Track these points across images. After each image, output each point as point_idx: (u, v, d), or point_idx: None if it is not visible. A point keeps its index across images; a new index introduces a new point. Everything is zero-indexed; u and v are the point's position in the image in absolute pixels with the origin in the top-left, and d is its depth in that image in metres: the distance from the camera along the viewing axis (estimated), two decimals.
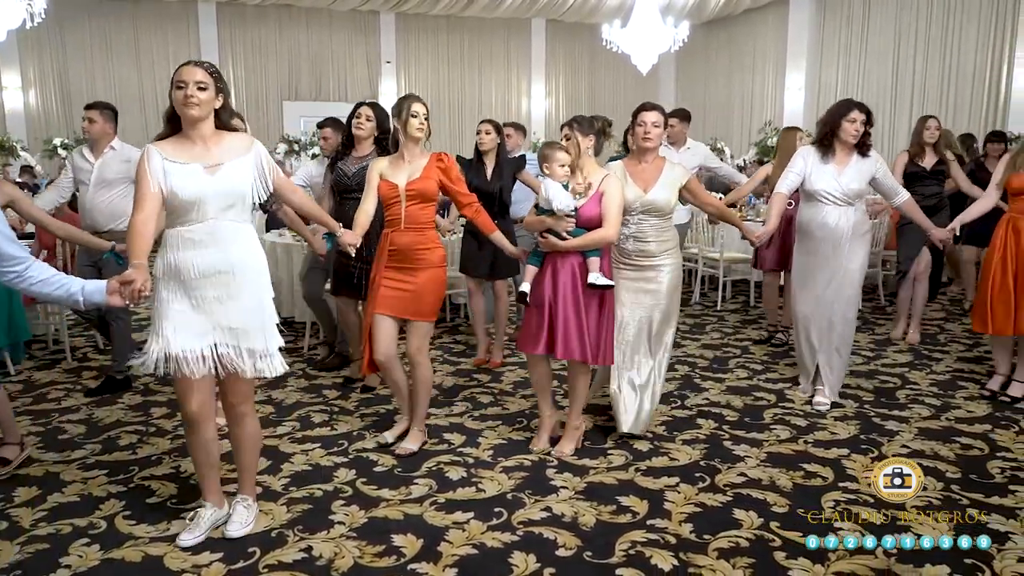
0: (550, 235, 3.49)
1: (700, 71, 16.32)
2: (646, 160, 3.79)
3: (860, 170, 4.13)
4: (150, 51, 14.37)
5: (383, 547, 2.82)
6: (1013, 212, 4.33)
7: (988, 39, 10.67)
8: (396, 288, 3.58)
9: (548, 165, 3.51)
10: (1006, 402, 4.34)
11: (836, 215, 4.13)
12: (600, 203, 3.50)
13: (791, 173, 4.21)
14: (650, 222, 3.76)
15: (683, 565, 2.71)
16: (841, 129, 4.09)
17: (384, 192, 3.58)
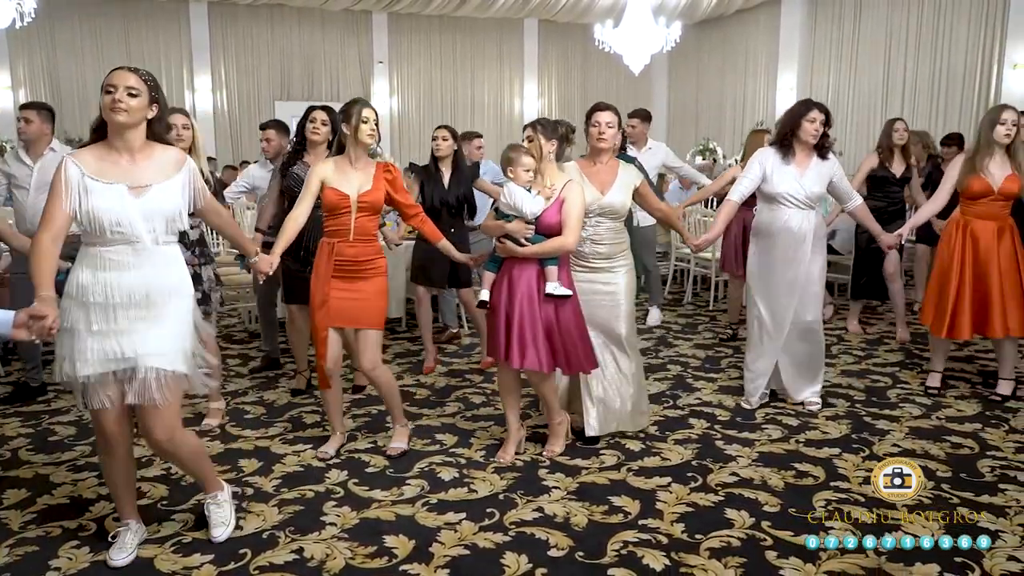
0: (508, 241, 3.42)
1: (692, 72, 16.35)
2: (601, 161, 3.74)
3: (820, 172, 4.08)
4: (141, 51, 14.28)
5: (375, 548, 2.81)
6: (968, 215, 4.28)
7: (978, 40, 10.72)
8: (344, 299, 3.47)
9: (512, 168, 3.42)
10: (995, 401, 4.36)
11: (799, 218, 4.06)
12: (560, 210, 3.41)
13: (745, 180, 4.12)
14: (606, 225, 3.70)
15: (675, 565, 2.71)
16: (801, 129, 4.03)
17: (332, 201, 3.42)
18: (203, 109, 14.69)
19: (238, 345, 5.74)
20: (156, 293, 2.54)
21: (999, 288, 4.20)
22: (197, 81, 14.60)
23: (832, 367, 5.08)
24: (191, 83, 14.61)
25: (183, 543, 2.86)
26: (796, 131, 4.05)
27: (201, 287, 3.87)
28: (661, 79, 17.02)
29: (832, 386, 4.69)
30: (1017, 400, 4.37)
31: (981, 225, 4.24)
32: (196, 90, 14.61)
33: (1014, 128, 4.14)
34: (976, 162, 4.21)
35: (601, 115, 3.70)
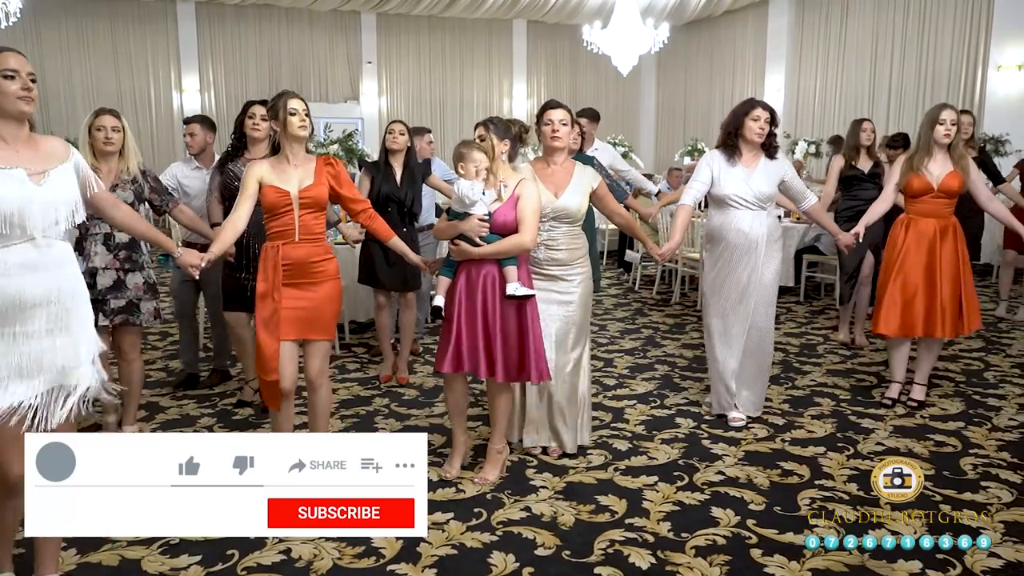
0: (462, 242, 3.26)
1: (680, 73, 16.42)
2: (555, 162, 3.61)
3: (769, 173, 3.97)
4: (128, 51, 14.23)
5: (362, 548, 2.82)
6: (912, 214, 4.29)
7: (963, 41, 10.82)
8: (296, 308, 3.22)
9: (463, 165, 3.27)
10: (913, 407, 4.30)
11: (750, 220, 3.94)
12: (515, 208, 3.27)
13: (695, 183, 4.02)
14: (562, 229, 3.55)
15: (661, 563, 2.73)
16: (745, 128, 3.93)
17: (272, 200, 3.20)
18: (191, 109, 14.62)
19: None
20: (66, 297, 2.33)
21: (946, 289, 4.17)
22: (185, 81, 14.56)
23: (818, 367, 5.12)
24: (179, 84, 14.56)
25: (170, 544, 2.86)
26: (740, 130, 3.96)
27: (126, 294, 3.75)
28: (649, 80, 17.09)
29: (818, 385, 4.73)
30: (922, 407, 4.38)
31: (924, 223, 4.22)
32: (184, 91, 14.57)
33: (954, 128, 4.15)
34: (915, 161, 4.22)
35: (554, 113, 3.56)
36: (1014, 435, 3.91)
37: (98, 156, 3.76)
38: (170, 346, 5.70)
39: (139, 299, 3.79)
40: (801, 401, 4.45)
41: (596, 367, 5.13)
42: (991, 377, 4.86)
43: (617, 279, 8.58)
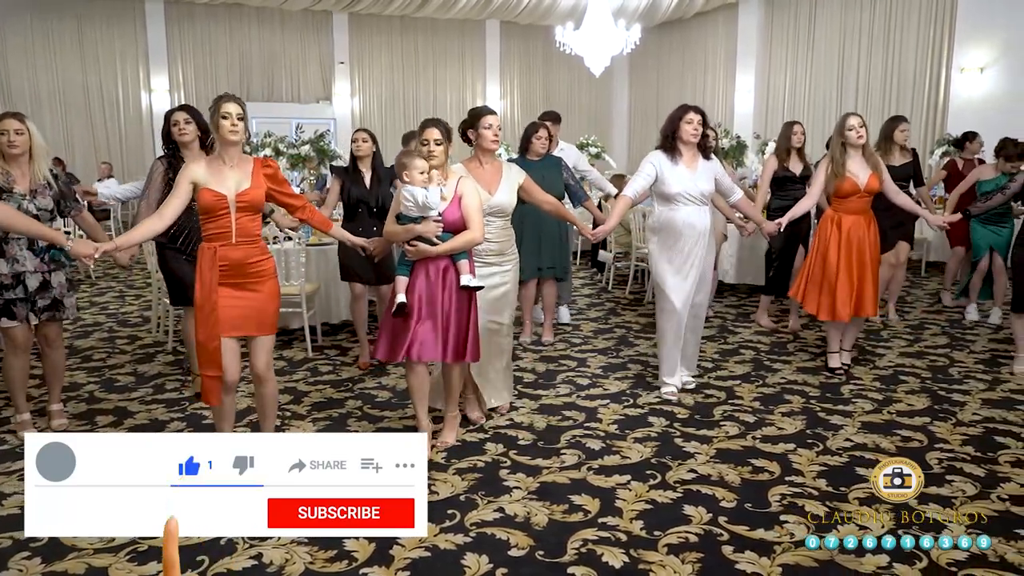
0: (419, 242, 3.50)
1: (652, 73, 16.53)
2: (487, 162, 3.97)
3: (707, 171, 4.39)
4: (95, 51, 14.03)
5: (334, 552, 2.80)
6: (839, 211, 4.75)
7: (928, 44, 11.01)
8: (236, 306, 3.27)
9: (408, 172, 3.49)
10: (841, 373, 4.89)
11: (697, 214, 4.35)
12: (460, 206, 3.56)
13: (640, 178, 4.37)
14: (496, 223, 3.93)
15: (634, 561, 2.75)
16: (680, 131, 4.31)
17: (209, 203, 3.21)
18: (160, 110, 14.41)
19: None
20: None
21: (864, 275, 4.72)
22: (154, 82, 14.38)
23: (788, 364, 5.18)
24: (147, 84, 14.38)
25: (139, 551, 2.82)
26: (677, 133, 4.33)
27: (51, 293, 3.88)
28: (622, 80, 17.19)
29: (788, 383, 4.79)
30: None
31: (852, 219, 4.72)
32: (153, 91, 14.39)
33: (863, 130, 4.67)
34: (838, 167, 4.70)
35: (493, 119, 3.98)
36: (978, 429, 3.99)
37: (8, 160, 3.79)
38: (138, 350, 5.63)
39: (63, 296, 3.95)
40: (771, 399, 4.50)
41: (570, 367, 5.16)
42: (956, 373, 4.95)
43: (590, 279, 8.61)
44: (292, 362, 5.31)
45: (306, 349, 5.49)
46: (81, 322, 6.53)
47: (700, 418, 4.19)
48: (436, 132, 3.62)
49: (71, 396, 4.60)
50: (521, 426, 4.07)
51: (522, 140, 5.57)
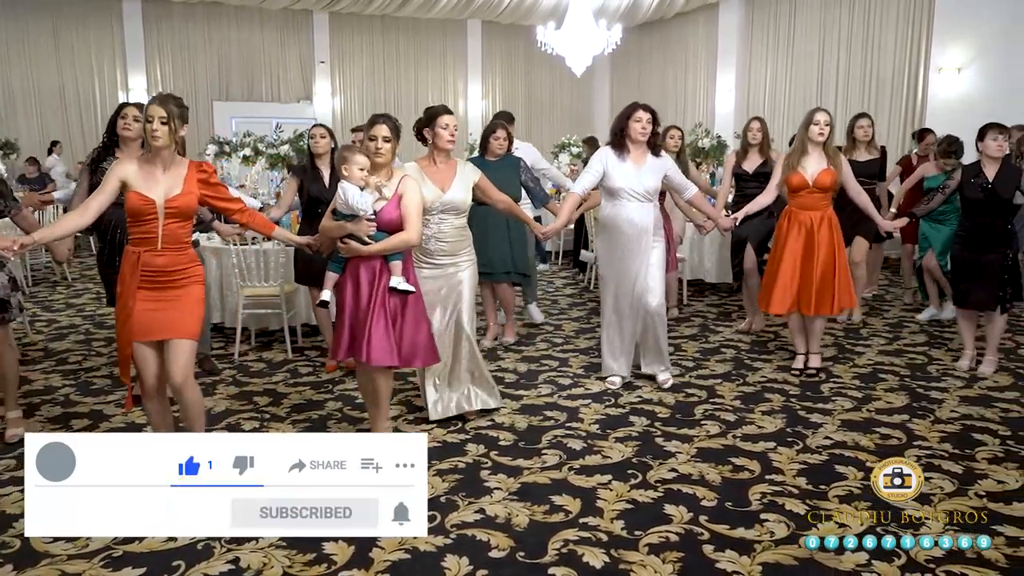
0: (351, 240, 3.43)
1: (634, 73, 16.57)
2: (441, 160, 3.97)
3: (654, 168, 4.44)
4: (71, 50, 13.85)
5: (313, 555, 2.78)
6: (794, 207, 4.78)
7: (906, 44, 11.10)
8: (155, 311, 3.14)
9: (347, 167, 3.41)
10: (811, 375, 4.85)
11: (640, 211, 4.41)
12: (400, 205, 3.47)
13: (588, 174, 4.46)
14: (450, 221, 3.94)
15: (614, 561, 2.75)
16: (629, 128, 4.38)
17: (136, 206, 3.07)
18: None
19: None
20: None
21: (820, 272, 4.68)
22: (131, 81, 14.23)
23: (769, 363, 5.20)
24: (125, 84, 14.23)
25: (113, 557, 2.77)
26: (625, 130, 4.39)
27: None
28: (603, 80, 17.22)
29: (768, 381, 4.80)
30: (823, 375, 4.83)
31: (804, 215, 4.72)
32: (131, 90, 14.23)
33: (827, 128, 4.65)
34: (793, 160, 4.72)
35: (450, 118, 3.96)
36: (956, 426, 4.02)
37: None
38: (115, 353, 5.55)
39: (8, 296, 3.83)
40: (752, 397, 4.51)
41: (551, 367, 5.15)
42: (934, 371, 4.99)
43: (572, 279, 8.61)
44: (272, 364, 5.26)
45: (286, 351, 5.44)
46: (56, 324, 6.45)
47: (681, 417, 4.19)
48: (385, 129, 3.50)
49: (45, 400, 4.53)
50: (502, 427, 4.05)
51: (481, 141, 5.54)
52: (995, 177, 4.65)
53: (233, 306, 5.59)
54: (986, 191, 4.64)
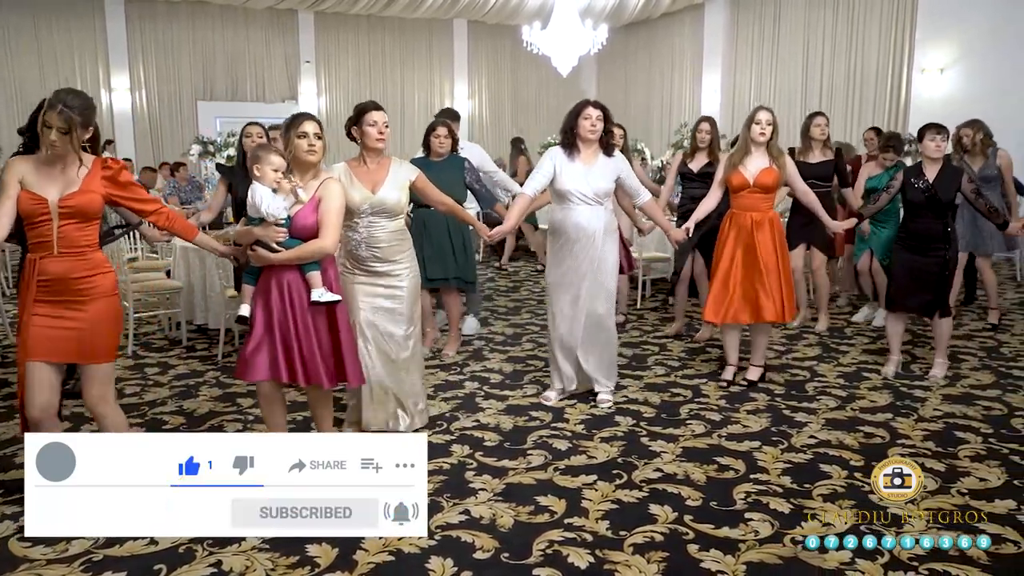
0: (260, 247, 3.18)
1: (620, 73, 16.60)
2: (373, 160, 3.72)
3: (606, 169, 4.19)
4: (52, 48, 13.72)
5: (296, 558, 2.75)
6: (734, 207, 4.59)
7: (889, 45, 11.19)
8: (55, 327, 2.88)
9: (259, 167, 3.16)
10: (743, 386, 4.64)
11: (588, 214, 4.15)
12: (317, 210, 3.22)
13: (538, 175, 4.20)
14: (382, 224, 3.67)
15: (599, 562, 2.74)
16: (579, 127, 4.14)
17: (27, 208, 2.81)
18: (121, 109, 14.22)
19: (157, 353, 5.56)
20: None
21: (761, 277, 4.47)
22: (114, 80, 14.12)
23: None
24: (107, 83, 14.11)
25: (93, 561, 2.74)
26: (575, 129, 4.16)
27: None
28: (590, 80, 17.23)
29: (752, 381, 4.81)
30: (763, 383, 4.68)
31: (745, 216, 4.52)
32: (113, 90, 14.13)
33: (769, 127, 4.46)
34: (735, 159, 4.53)
35: (379, 115, 3.69)
36: (938, 425, 4.04)
37: None
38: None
39: None
40: (737, 397, 4.52)
41: (536, 367, 5.14)
42: (917, 369, 5.02)
43: None
44: None
45: None
46: None
47: (666, 417, 4.19)
48: (317, 126, 3.30)
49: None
50: (487, 427, 4.04)
51: (423, 139, 5.30)
52: (935, 178, 4.53)
53: (216, 307, 5.55)
54: (927, 193, 4.51)
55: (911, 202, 4.62)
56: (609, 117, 4.19)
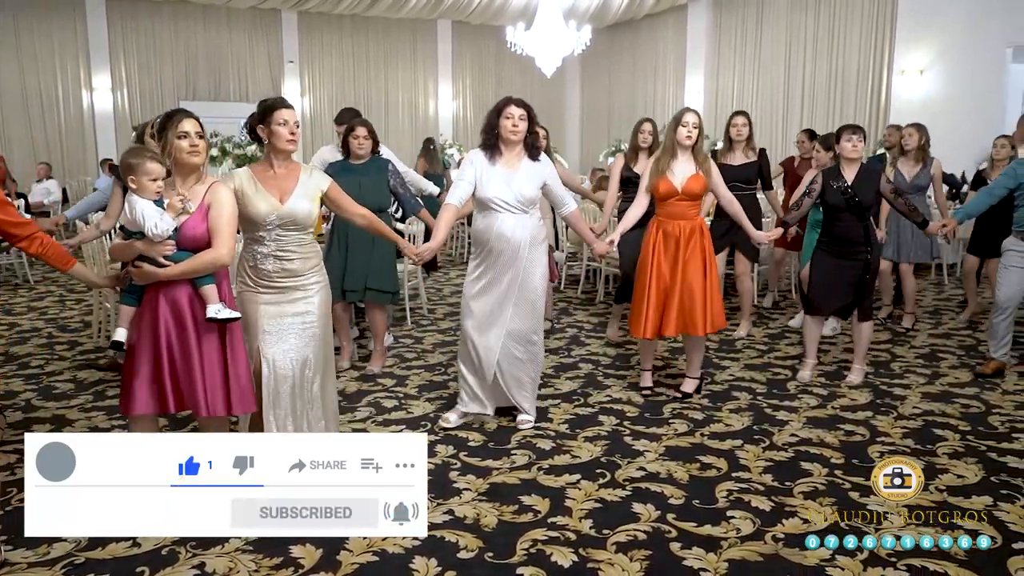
0: (144, 263, 2.84)
1: (604, 74, 16.66)
2: (281, 165, 3.25)
3: (531, 175, 3.82)
4: (33, 47, 13.60)
5: (280, 559, 2.75)
6: (661, 216, 4.32)
7: (870, 47, 11.30)
8: None
9: (135, 179, 2.79)
10: (678, 398, 4.44)
11: (512, 223, 3.79)
12: (207, 218, 2.90)
13: (461, 182, 3.81)
14: (292, 238, 3.21)
15: (582, 561, 2.76)
16: (500, 127, 3.79)
17: None
18: (102, 109, 14.11)
19: None
20: None
21: (689, 288, 4.23)
22: (95, 80, 14.01)
23: (736, 361, 5.26)
24: (88, 82, 14.01)
25: (75, 564, 2.73)
26: (496, 129, 3.81)
27: None
28: (574, 81, 17.29)
29: (736, 379, 4.85)
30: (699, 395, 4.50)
31: (673, 225, 4.26)
32: (95, 89, 14.02)
33: (695, 131, 4.22)
34: (662, 164, 4.25)
35: (290, 113, 3.24)
36: (918, 422, 4.10)
37: None
38: (79, 356, 5.47)
39: None
40: (720, 396, 4.56)
41: None
42: (897, 368, 5.08)
43: None
44: None
45: None
46: (18, 328, 6.32)
47: (650, 416, 4.22)
48: (196, 123, 2.91)
49: (6, 404, 4.44)
50: (471, 427, 4.05)
51: (341, 140, 4.97)
52: (854, 180, 4.44)
53: None
54: (846, 195, 4.42)
55: (831, 205, 4.50)
56: (533, 117, 3.85)
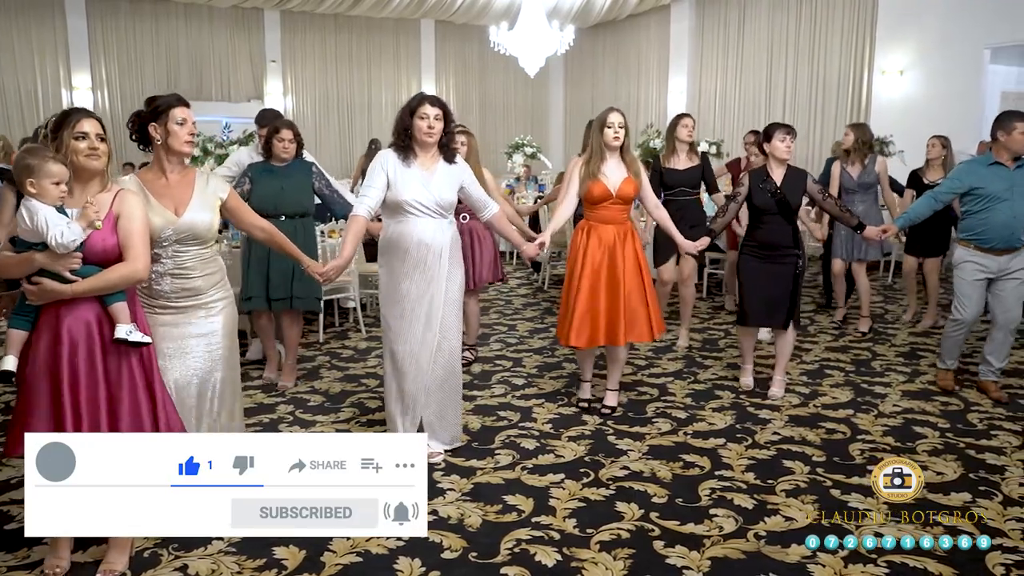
0: (45, 279, 2.48)
1: (587, 74, 16.68)
2: (173, 171, 2.96)
3: (449, 177, 3.58)
4: (11, 45, 13.42)
5: (263, 561, 2.75)
6: (592, 220, 4.13)
7: (851, 48, 11.38)
8: None
9: (34, 183, 2.47)
10: (605, 414, 4.24)
11: (432, 229, 3.52)
12: (116, 228, 2.59)
13: (371, 189, 3.48)
14: (191, 253, 2.96)
15: (566, 560, 2.77)
16: (414, 127, 3.51)
17: None
18: None
19: None
20: None
21: (625, 295, 4.05)
22: (75, 79, 13.85)
23: (719, 361, 5.29)
24: (68, 81, 13.84)
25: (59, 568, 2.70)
26: (410, 130, 3.54)
27: None
28: (557, 81, 17.30)
29: (719, 379, 4.88)
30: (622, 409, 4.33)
31: (606, 230, 4.08)
32: (74, 88, 13.85)
33: (622, 131, 4.05)
34: (593, 167, 4.06)
35: (187, 111, 2.96)
36: (898, 420, 4.14)
37: None
38: None
39: None
40: (703, 395, 4.58)
41: (505, 367, 5.15)
42: (878, 366, 5.13)
43: (527, 279, 8.64)
44: None
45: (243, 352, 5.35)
46: None
47: (633, 415, 4.24)
48: (97, 124, 2.60)
49: None
50: None
51: (264, 143, 4.76)
52: (783, 181, 4.32)
53: None
54: (775, 196, 4.30)
55: (758, 207, 4.36)
56: (450, 117, 3.60)
